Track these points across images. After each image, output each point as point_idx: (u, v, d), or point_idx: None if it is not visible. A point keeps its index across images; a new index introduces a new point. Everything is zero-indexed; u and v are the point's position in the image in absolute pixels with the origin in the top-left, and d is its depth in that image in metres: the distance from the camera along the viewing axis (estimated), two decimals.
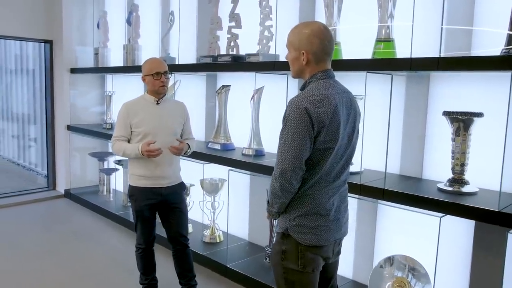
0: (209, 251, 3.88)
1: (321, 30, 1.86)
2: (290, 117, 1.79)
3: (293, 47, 1.90)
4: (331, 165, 1.87)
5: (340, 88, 1.91)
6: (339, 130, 1.82)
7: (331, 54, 1.92)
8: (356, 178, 2.78)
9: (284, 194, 1.85)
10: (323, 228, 1.90)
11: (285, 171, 1.79)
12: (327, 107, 1.78)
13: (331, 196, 1.91)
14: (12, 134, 8.50)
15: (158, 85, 2.84)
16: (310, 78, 1.90)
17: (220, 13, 4.00)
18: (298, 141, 1.77)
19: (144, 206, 2.90)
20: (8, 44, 8.25)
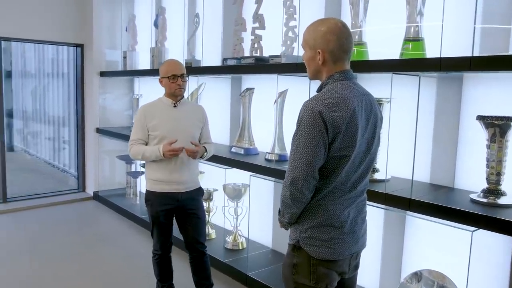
0: (231, 258, 3.78)
1: (338, 27, 1.72)
2: (303, 121, 1.65)
3: (308, 46, 1.77)
4: (347, 174, 1.73)
5: (359, 91, 1.76)
6: (356, 136, 1.68)
7: (350, 53, 1.77)
8: (381, 187, 2.60)
9: (295, 204, 1.72)
10: (337, 241, 1.75)
11: (297, 179, 1.66)
12: (344, 111, 1.64)
13: (347, 207, 1.77)
14: (47, 136, 8.72)
15: (174, 88, 2.77)
16: (327, 79, 1.76)
17: (245, 14, 3.91)
18: (311, 148, 1.63)
19: (160, 211, 2.83)
20: (44, 48, 8.47)
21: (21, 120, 9.77)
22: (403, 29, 2.67)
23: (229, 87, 4.37)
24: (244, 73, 3.87)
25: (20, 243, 4.37)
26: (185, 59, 4.51)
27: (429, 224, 2.52)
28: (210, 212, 4.30)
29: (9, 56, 9.77)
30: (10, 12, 5.24)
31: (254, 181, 3.56)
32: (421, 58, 2.44)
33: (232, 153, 3.86)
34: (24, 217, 5.19)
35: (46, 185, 7.16)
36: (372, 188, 2.58)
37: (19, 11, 5.30)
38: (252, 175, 3.49)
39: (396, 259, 2.97)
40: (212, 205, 4.33)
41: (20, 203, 5.54)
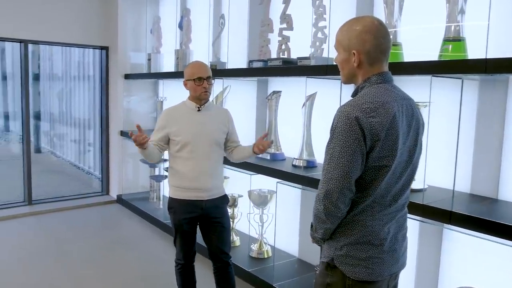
0: (256, 267, 3.65)
1: (375, 25, 1.56)
2: (337, 128, 1.51)
3: (342, 47, 1.62)
4: (387, 186, 1.57)
5: (399, 94, 1.60)
6: (397, 144, 1.52)
7: (388, 54, 1.61)
8: (418, 197, 2.43)
9: (329, 219, 1.57)
10: (376, 261, 1.59)
11: (331, 192, 1.51)
12: (383, 116, 1.49)
13: (386, 222, 1.61)
14: (73, 138, 8.77)
15: (200, 91, 2.65)
16: (363, 82, 1.60)
17: (272, 14, 3.78)
18: (347, 157, 1.48)
19: (183, 219, 2.71)
20: (71, 51, 8.52)
21: (48, 122, 9.88)
22: (442, 29, 2.50)
23: (254, 90, 4.25)
24: (271, 76, 3.74)
25: (43, 245, 4.34)
26: (210, 61, 4.41)
27: (469, 238, 2.33)
28: (235, 218, 4.18)
29: (37, 59, 9.91)
30: (37, 16, 5.24)
31: (280, 188, 3.42)
32: (464, 59, 2.26)
33: (258, 158, 3.72)
34: (48, 219, 5.18)
35: (71, 187, 7.17)
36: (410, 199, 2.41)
37: (45, 15, 5.31)
38: (279, 182, 3.35)
39: (433, 275, 2.78)
40: (237, 211, 4.20)
41: (44, 206, 5.54)
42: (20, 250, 4.22)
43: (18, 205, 5.52)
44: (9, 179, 7.61)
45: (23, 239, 4.52)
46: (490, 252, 2.39)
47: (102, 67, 6.01)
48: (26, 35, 5.23)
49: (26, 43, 5.30)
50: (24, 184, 5.57)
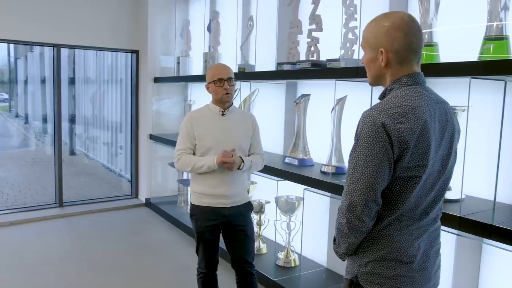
0: (282, 276, 3.52)
1: (405, 22, 1.42)
2: (362, 135, 1.38)
3: (368, 45, 1.49)
4: (417, 198, 1.42)
5: (432, 98, 1.45)
6: (428, 153, 1.38)
7: (420, 53, 1.47)
8: (454, 208, 2.25)
9: (353, 233, 1.44)
10: (405, 280, 1.45)
11: (355, 204, 1.39)
12: (413, 122, 1.35)
13: (417, 238, 1.46)
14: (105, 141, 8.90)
15: (222, 93, 2.56)
16: (392, 84, 1.47)
17: (301, 15, 3.66)
18: (372, 167, 1.35)
19: (206, 227, 2.63)
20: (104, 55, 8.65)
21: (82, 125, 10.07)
22: (482, 28, 2.32)
23: (283, 93, 4.13)
24: (299, 79, 3.61)
25: (69, 248, 4.36)
26: (238, 64, 4.32)
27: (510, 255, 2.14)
28: (262, 225, 4.07)
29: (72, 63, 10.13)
30: (69, 21, 5.31)
31: (308, 195, 3.28)
32: (507, 59, 2.07)
33: (286, 163, 3.61)
34: (77, 222, 5.22)
35: (103, 189, 7.26)
36: (445, 210, 2.24)
37: (77, 20, 5.37)
38: (306, 188, 3.22)
39: None
40: (264, 218, 4.09)
41: (75, 208, 5.59)
42: (45, 252, 4.25)
43: (49, 207, 5.60)
44: (44, 180, 7.81)
45: (50, 242, 4.55)
46: None
47: (132, 70, 6.04)
48: (58, 39, 5.31)
49: (58, 47, 5.38)
50: (55, 186, 5.64)
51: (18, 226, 5.00)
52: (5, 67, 17.67)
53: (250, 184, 4.25)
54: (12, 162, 9.74)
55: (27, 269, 3.83)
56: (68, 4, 5.29)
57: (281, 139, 4.14)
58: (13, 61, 16.37)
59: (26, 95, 14.91)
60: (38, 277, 3.68)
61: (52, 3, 5.19)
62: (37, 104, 12.87)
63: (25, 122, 15.59)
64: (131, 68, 6.07)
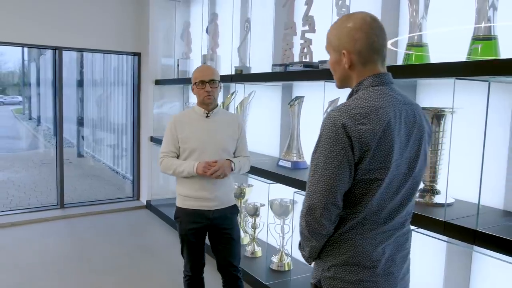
0: (274, 280, 3.48)
1: (367, 22, 1.40)
2: (323, 136, 1.35)
3: (332, 48, 1.47)
4: (381, 202, 1.38)
5: (398, 99, 1.41)
6: (391, 155, 1.34)
7: (384, 53, 1.44)
8: (440, 213, 2.19)
9: (313, 236, 1.41)
10: (368, 285, 1.41)
11: (314, 207, 1.35)
12: (375, 123, 1.31)
13: (381, 242, 1.42)
14: (110, 143, 8.95)
15: (203, 95, 2.54)
16: (358, 85, 1.44)
17: (296, 17, 3.63)
18: (332, 169, 1.32)
19: (189, 230, 2.60)
20: (110, 58, 8.71)
21: (88, 128, 10.16)
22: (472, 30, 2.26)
23: (279, 95, 4.09)
24: (291, 80, 3.58)
25: (67, 250, 4.38)
26: (234, 66, 4.30)
27: (501, 263, 2.06)
28: (257, 228, 4.03)
29: (79, 66, 10.23)
30: (71, 23, 5.34)
31: (298, 198, 3.24)
32: (490, 59, 2.01)
33: (279, 166, 3.57)
34: (77, 223, 5.24)
35: (107, 191, 7.30)
36: (430, 214, 2.18)
37: (79, 22, 5.40)
38: (297, 192, 3.17)
39: None
40: (259, 221, 4.05)
41: (76, 209, 5.61)
42: (45, 253, 4.26)
43: (50, 208, 5.63)
44: (50, 182, 7.87)
45: (50, 243, 4.57)
46: None
47: (135, 73, 6.06)
48: (60, 42, 5.34)
49: (60, 50, 5.42)
50: (57, 188, 5.67)
51: (19, 227, 5.04)
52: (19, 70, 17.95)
53: (247, 187, 4.23)
54: (20, 163, 9.85)
55: (25, 270, 3.85)
56: (69, 7, 5.32)
57: (277, 141, 4.10)
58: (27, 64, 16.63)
59: (39, 97, 15.12)
60: (36, 278, 3.69)
61: (53, 6, 5.22)
62: (49, 106, 13.02)
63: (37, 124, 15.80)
64: (133, 71, 6.09)
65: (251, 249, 4.00)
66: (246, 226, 4.23)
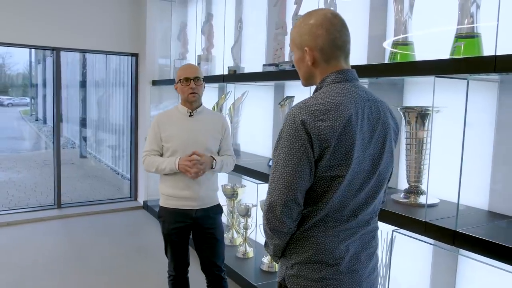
0: (263, 281, 3.45)
1: (328, 18, 1.38)
2: (283, 133, 1.34)
3: (295, 45, 1.45)
4: (343, 199, 1.36)
5: (361, 95, 1.39)
6: (352, 151, 1.32)
7: (346, 49, 1.42)
8: (421, 213, 2.16)
9: (275, 234, 1.40)
10: (331, 282, 1.39)
11: (274, 204, 1.34)
12: (334, 120, 1.29)
13: (344, 240, 1.40)
14: (110, 144, 8.99)
15: (187, 93, 2.53)
16: (321, 82, 1.43)
17: (287, 16, 3.61)
18: (291, 166, 1.30)
19: (172, 230, 2.59)
20: (112, 59, 8.74)
21: (90, 128, 10.21)
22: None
23: (272, 95, 4.08)
24: (282, 80, 3.55)
25: (62, 250, 4.38)
26: (228, 66, 4.29)
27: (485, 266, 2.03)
28: (248, 229, 4.01)
29: (82, 67, 10.29)
30: (69, 24, 5.36)
31: None
32: (469, 57, 1.97)
33: (270, 166, 3.55)
34: (74, 223, 5.25)
35: (107, 191, 7.32)
36: (413, 215, 2.15)
37: (77, 23, 5.42)
38: None
39: None
40: (251, 221, 4.03)
41: (72, 209, 5.63)
42: (40, 253, 4.27)
43: (47, 208, 5.65)
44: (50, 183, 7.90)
45: (46, 242, 4.58)
46: (509, 282, 2.07)
47: (133, 73, 6.07)
48: (58, 42, 5.37)
49: (58, 51, 5.44)
50: (54, 188, 5.69)
51: (15, 226, 5.06)
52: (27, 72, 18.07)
53: (240, 187, 4.21)
54: (23, 164, 9.92)
55: (21, 270, 3.85)
56: (67, 7, 5.35)
57: (269, 141, 4.08)
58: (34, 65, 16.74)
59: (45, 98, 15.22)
60: (32, 278, 3.70)
61: (52, 7, 5.25)
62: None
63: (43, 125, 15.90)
64: (131, 71, 6.10)
65: (242, 250, 3.99)
66: (238, 226, 4.21)
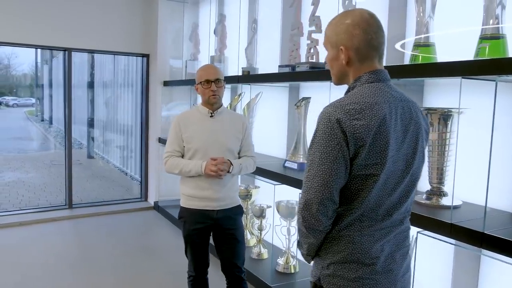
0: (280, 282, 3.45)
1: (365, 19, 1.39)
2: (318, 132, 1.35)
3: (330, 44, 1.46)
4: (378, 198, 1.38)
5: (394, 96, 1.40)
6: (387, 151, 1.33)
7: (381, 50, 1.44)
8: (447, 215, 2.15)
9: (310, 233, 1.40)
10: (368, 282, 1.39)
11: (310, 203, 1.35)
12: (370, 119, 1.31)
13: (379, 239, 1.40)
14: (119, 144, 8.99)
15: (208, 94, 2.53)
16: (354, 82, 1.43)
17: (303, 17, 3.61)
18: (327, 164, 1.32)
19: (193, 230, 2.59)
20: (120, 59, 8.76)
21: (98, 129, 10.22)
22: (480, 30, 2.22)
23: (286, 96, 4.08)
24: (298, 81, 3.56)
25: (73, 250, 4.39)
26: (242, 67, 4.29)
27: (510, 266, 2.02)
28: (263, 230, 4.01)
29: (90, 67, 10.30)
30: (80, 25, 5.38)
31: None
32: (496, 58, 1.97)
33: (286, 167, 3.55)
34: (85, 224, 5.26)
35: (116, 192, 7.32)
36: (437, 217, 2.14)
37: (88, 24, 5.44)
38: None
39: None
40: (265, 222, 4.03)
41: (83, 210, 5.65)
42: (51, 253, 4.29)
43: (58, 208, 5.66)
44: (59, 182, 7.92)
45: (57, 242, 4.60)
46: None
47: (143, 74, 6.08)
48: (69, 43, 5.38)
49: (69, 51, 5.46)
50: (65, 188, 5.71)
51: (27, 226, 5.07)
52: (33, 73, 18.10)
53: (253, 188, 4.21)
54: (31, 164, 9.95)
55: (33, 269, 3.87)
56: (79, 8, 5.36)
57: (284, 142, 4.08)
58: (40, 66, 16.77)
59: (51, 99, 15.25)
60: (43, 277, 3.71)
61: (63, 8, 5.27)
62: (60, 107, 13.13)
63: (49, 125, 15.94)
64: (142, 72, 6.11)
65: (257, 251, 3.98)
66: (253, 227, 4.21)
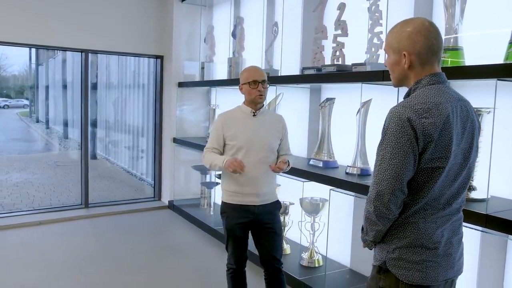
0: (306, 276, 3.59)
1: (426, 26, 1.57)
2: (389, 129, 1.51)
3: (392, 49, 1.63)
4: (441, 189, 1.54)
5: (453, 96, 1.58)
6: (451, 146, 1.50)
7: (440, 55, 1.60)
8: (481, 207, 2.31)
9: (380, 221, 1.56)
10: (431, 264, 1.56)
11: (382, 193, 1.51)
12: (436, 117, 1.48)
13: (440, 225, 1.58)
14: (126, 145, 9.07)
15: (255, 94, 2.67)
16: (415, 84, 1.60)
17: (326, 21, 3.77)
18: (398, 158, 1.48)
19: (235, 225, 2.72)
20: (126, 60, 8.85)
21: (103, 130, 10.28)
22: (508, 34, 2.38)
23: (307, 97, 4.23)
24: (325, 82, 3.71)
25: (92, 249, 4.47)
26: (262, 69, 4.42)
27: None
28: (286, 226, 4.15)
29: (95, 69, 10.36)
30: (96, 27, 5.49)
31: (334, 195, 3.36)
32: None
33: (311, 165, 3.70)
34: (102, 222, 5.36)
35: (124, 192, 7.41)
36: (470, 208, 2.30)
37: (104, 25, 5.55)
38: (332, 189, 3.30)
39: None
40: (288, 219, 4.17)
41: (100, 209, 5.73)
42: (70, 251, 4.37)
43: (75, 207, 5.75)
44: (68, 183, 8.00)
45: (76, 241, 4.68)
46: None
47: (157, 75, 6.19)
48: (86, 44, 5.49)
49: (86, 53, 5.56)
50: (82, 188, 5.80)
51: (46, 225, 5.16)
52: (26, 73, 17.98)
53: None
54: (35, 165, 9.99)
55: (52, 267, 3.95)
56: (95, 10, 5.47)
57: (305, 142, 4.23)
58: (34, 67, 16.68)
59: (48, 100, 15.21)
60: (63, 276, 3.79)
61: (80, 10, 5.37)
62: (58, 109, 13.14)
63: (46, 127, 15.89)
64: (155, 73, 6.22)
65: None
66: None
